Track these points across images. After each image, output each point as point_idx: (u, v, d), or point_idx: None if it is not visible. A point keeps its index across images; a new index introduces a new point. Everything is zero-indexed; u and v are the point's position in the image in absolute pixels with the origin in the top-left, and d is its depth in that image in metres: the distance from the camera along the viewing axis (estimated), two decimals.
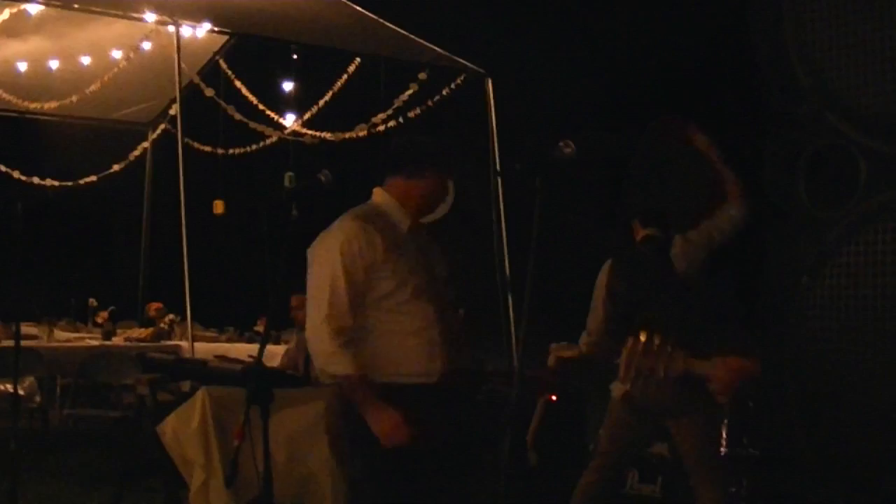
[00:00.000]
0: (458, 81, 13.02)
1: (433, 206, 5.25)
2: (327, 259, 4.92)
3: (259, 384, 4.73)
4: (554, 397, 8.41)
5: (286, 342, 10.22)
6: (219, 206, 12.98)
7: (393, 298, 4.94)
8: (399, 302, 4.94)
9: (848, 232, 7.14)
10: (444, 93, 13.04)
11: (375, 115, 13.28)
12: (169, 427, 7.36)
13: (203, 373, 7.34)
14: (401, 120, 13.21)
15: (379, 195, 5.16)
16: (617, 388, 6.88)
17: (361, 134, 13.41)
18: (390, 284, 4.93)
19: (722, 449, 8.32)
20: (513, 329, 12.27)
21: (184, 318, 11.46)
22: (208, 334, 12.32)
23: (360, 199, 5.14)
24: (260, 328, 11.58)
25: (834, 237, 7.18)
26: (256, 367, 5.04)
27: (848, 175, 7.16)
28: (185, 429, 7.25)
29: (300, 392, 7.15)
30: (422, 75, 12.99)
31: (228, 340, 12.08)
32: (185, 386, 8.43)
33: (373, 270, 4.90)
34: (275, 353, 9.03)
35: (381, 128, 13.31)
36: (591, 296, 7.07)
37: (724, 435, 8.38)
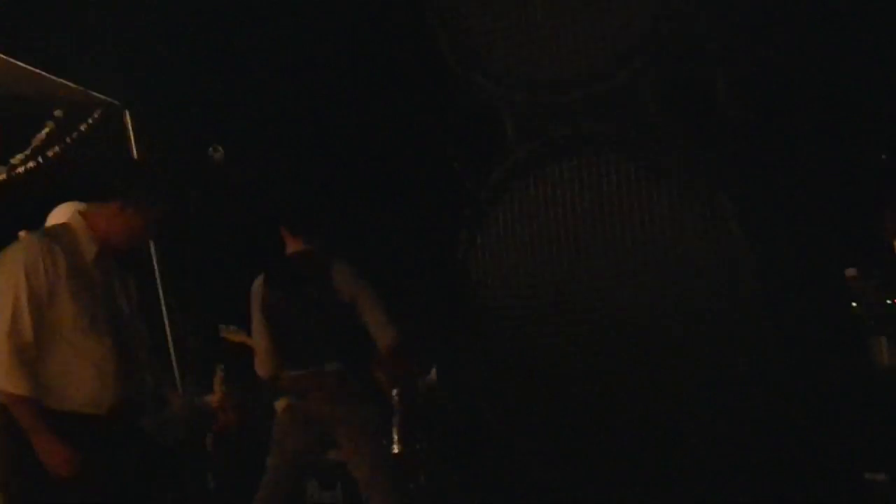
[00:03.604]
0: (96, 115, 12.76)
1: (126, 237, 5.11)
2: (10, 273, 4.79)
3: None
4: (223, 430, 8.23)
5: None
6: None
7: (70, 325, 4.85)
8: (76, 330, 4.87)
9: (497, 191, 6.77)
10: (82, 128, 12.74)
11: (13, 156, 12.86)
12: None
13: None
14: (40, 160, 12.83)
15: (74, 219, 5.05)
16: (279, 403, 6.93)
17: (1, 177, 12.97)
18: (69, 311, 4.84)
19: (395, 447, 8.51)
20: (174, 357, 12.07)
21: None
22: None
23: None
24: None
25: (484, 199, 6.80)
26: None
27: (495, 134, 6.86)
28: None
29: None
30: (58, 112, 12.67)
31: None
32: None
33: (54, 293, 4.80)
34: None
35: (21, 170, 12.90)
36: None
37: (395, 435, 8.57)
